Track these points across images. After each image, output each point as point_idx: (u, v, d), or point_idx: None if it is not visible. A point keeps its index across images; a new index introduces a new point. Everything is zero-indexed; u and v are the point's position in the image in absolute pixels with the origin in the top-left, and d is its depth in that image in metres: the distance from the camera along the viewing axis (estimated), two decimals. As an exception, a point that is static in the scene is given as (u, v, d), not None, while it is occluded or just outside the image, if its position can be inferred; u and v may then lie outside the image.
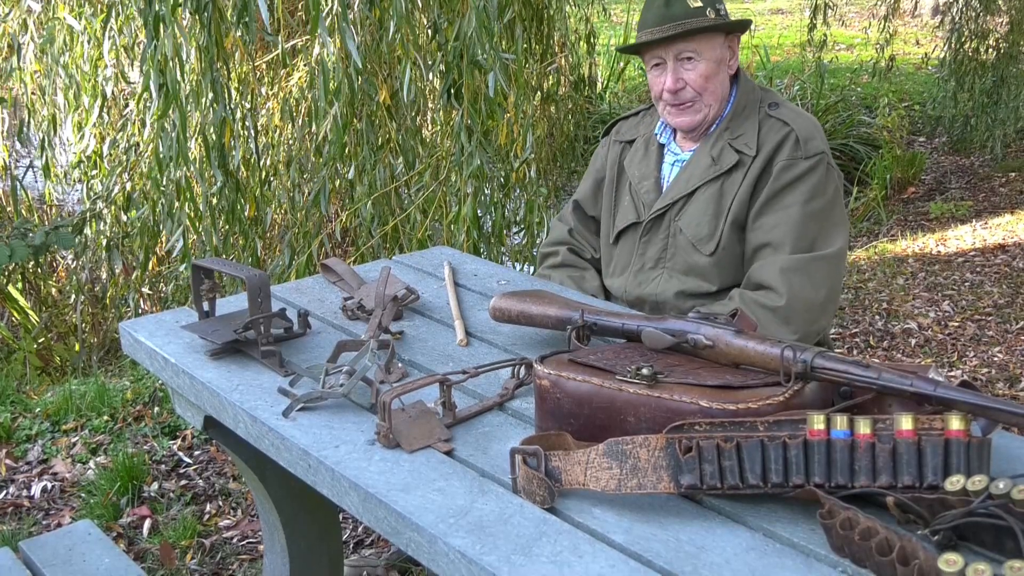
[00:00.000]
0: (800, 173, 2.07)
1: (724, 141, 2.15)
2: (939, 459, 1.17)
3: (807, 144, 2.08)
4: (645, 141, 2.31)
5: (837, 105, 7.90)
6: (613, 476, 1.25)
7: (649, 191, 2.24)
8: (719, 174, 2.13)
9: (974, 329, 4.41)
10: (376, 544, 2.78)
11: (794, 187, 2.07)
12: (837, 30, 8.42)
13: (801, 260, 2.03)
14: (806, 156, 2.08)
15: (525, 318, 1.80)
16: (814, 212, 2.06)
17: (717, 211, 2.12)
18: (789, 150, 2.08)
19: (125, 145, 4.45)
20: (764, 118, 2.14)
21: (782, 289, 2.01)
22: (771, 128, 2.12)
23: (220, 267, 1.87)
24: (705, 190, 2.14)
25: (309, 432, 1.51)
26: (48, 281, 5.19)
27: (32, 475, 3.19)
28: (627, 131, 2.37)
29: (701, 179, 2.14)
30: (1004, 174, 7.06)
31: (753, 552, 1.18)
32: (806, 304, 2.02)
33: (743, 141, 2.12)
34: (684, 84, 2.13)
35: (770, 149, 2.10)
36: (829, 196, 2.10)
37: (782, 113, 2.14)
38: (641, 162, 2.29)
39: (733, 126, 2.16)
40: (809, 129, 2.11)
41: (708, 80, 2.13)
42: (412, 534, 1.28)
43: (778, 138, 2.10)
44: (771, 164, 2.09)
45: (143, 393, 3.70)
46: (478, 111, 3.50)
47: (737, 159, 2.12)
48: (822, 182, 2.09)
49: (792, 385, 1.33)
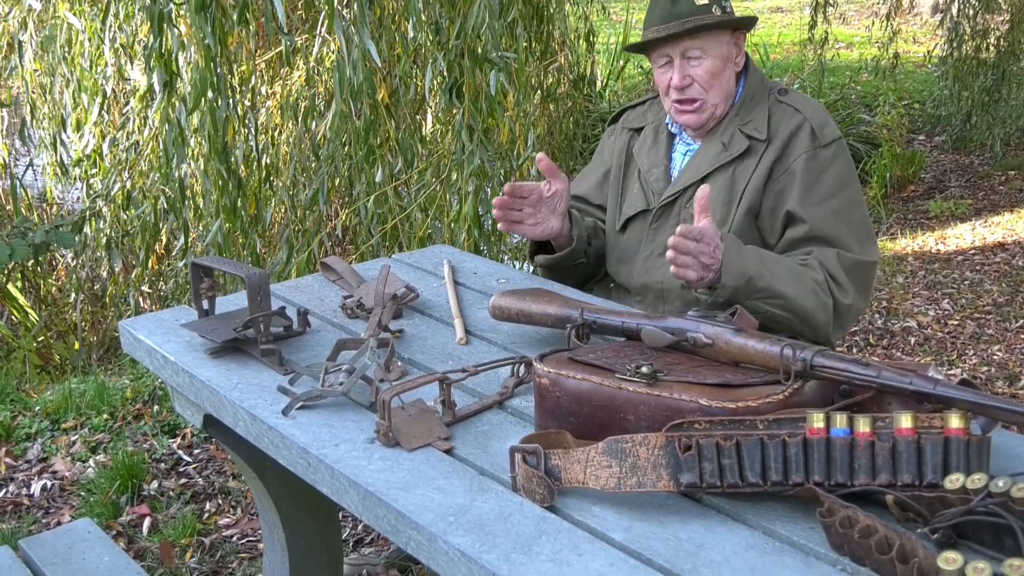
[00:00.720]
0: (826, 162, 2.07)
1: (734, 127, 2.14)
2: (939, 457, 1.17)
3: (823, 131, 2.08)
4: (655, 129, 2.29)
5: (837, 103, 7.90)
6: (613, 474, 1.25)
7: (659, 179, 2.22)
8: (730, 160, 2.11)
9: (974, 327, 4.41)
10: (376, 543, 2.78)
11: (824, 178, 2.06)
12: (837, 28, 8.41)
13: (858, 263, 2.03)
14: (825, 144, 2.08)
15: (525, 316, 1.80)
16: (851, 200, 2.08)
17: (729, 198, 2.10)
18: (807, 140, 2.07)
19: (125, 144, 4.44)
20: (774, 104, 2.14)
21: (849, 287, 2.01)
22: (783, 114, 2.12)
23: (220, 265, 1.87)
24: (717, 176, 2.12)
25: (309, 430, 1.51)
26: (48, 280, 5.18)
27: (32, 473, 3.19)
28: (635, 119, 2.36)
29: (712, 165, 2.13)
30: (1004, 172, 7.06)
31: (753, 550, 1.18)
32: (857, 309, 2.06)
33: (753, 126, 2.11)
34: (691, 81, 2.12)
35: (784, 136, 2.09)
36: (855, 178, 2.12)
37: (792, 99, 2.14)
38: (651, 150, 2.27)
39: (743, 113, 2.15)
40: (821, 116, 2.12)
41: (714, 77, 2.12)
42: (412, 532, 1.28)
43: (792, 126, 2.09)
44: (787, 153, 2.08)
45: (143, 391, 3.70)
46: (479, 110, 3.50)
47: (748, 145, 2.10)
48: (848, 166, 2.10)
49: (792, 383, 1.33)
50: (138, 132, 4.35)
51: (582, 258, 2.25)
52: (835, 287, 2.00)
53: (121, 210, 4.43)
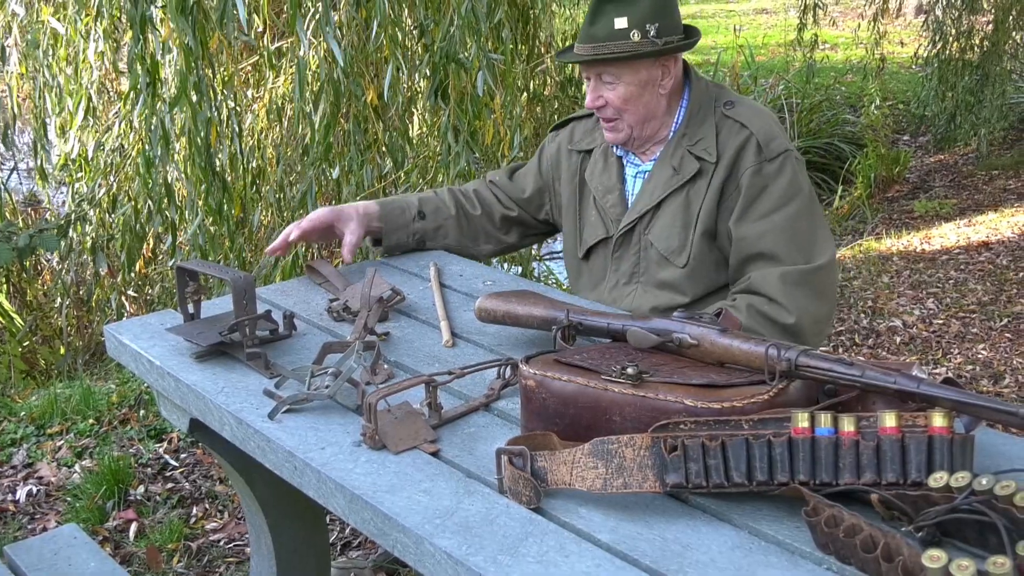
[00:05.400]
0: (770, 176, 2.02)
1: (683, 148, 2.09)
2: (923, 456, 1.18)
3: (769, 145, 2.03)
4: (603, 152, 2.24)
5: (822, 104, 7.94)
6: (599, 476, 1.25)
7: (615, 205, 2.19)
8: (683, 183, 2.08)
9: (958, 326, 4.43)
10: (363, 546, 2.77)
11: (769, 192, 2.02)
12: (824, 30, 8.44)
13: (803, 273, 1.98)
14: (770, 158, 2.02)
15: (511, 318, 1.80)
16: (797, 212, 2.02)
17: (686, 222, 2.08)
18: (753, 155, 2.03)
19: (110, 147, 4.43)
20: (721, 119, 2.08)
21: (790, 305, 1.95)
22: (730, 131, 2.06)
23: (205, 269, 1.87)
24: (671, 201, 2.09)
25: (295, 434, 1.51)
26: (33, 284, 5.16)
27: (17, 479, 3.17)
28: (582, 138, 2.30)
29: (665, 190, 2.10)
30: (988, 172, 7.10)
31: (739, 550, 1.19)
32: (813, 319, 1.98)
33: (702, 147, 2.07)
34: (604, 103, 2.09)
35: (732, 155, 2.04)
36: (806, 191, 2.05)
37: (738, 113, 2.08)
38: (602, 175, 2.23)
39: (690, 132, 2.10)
40: (768, 128, 2.05)
41: (627, 102, 2.07)
42: (398, 535, 1.28)
43: (738, 142, 2.04)
44: (736, 170, 2.04)
45: (128, 396, 3.68)
46: (464, 111, 3.50)
47: (699, 167, 2.07)
48: (794, 179, 2.04)
49: (777, 383, 1.33)
50: (123, 136, 4.33)
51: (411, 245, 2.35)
52: (772, 310, 1.95)
53: (107, 213, 4.42)
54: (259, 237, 4.36)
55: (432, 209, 2.35)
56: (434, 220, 2.34)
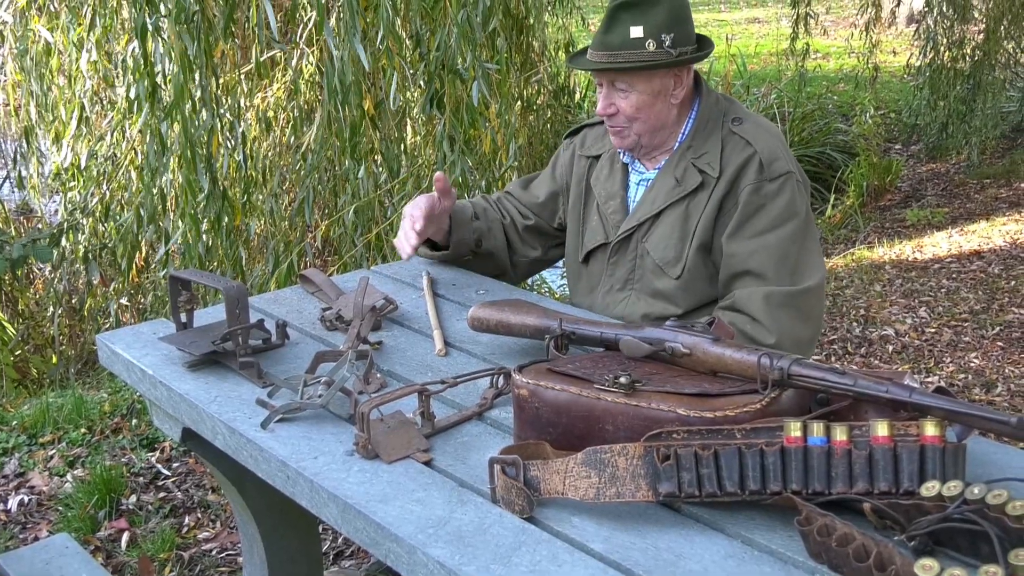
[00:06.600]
0: (769, 196, 2.03)
1: (687, 161, 2.10)
2: (915, 465, 1.18)
3: (771, 166, 2.03)
4: (610, 158, 2.26)
5: (814, 113, 7.96)
6: (592, 485, 1.25)
7: (616, 211, 2.20)
8: (684, 195, 2.09)
9: (951, 335, 4.45)
10: (356, 555, 2.77)
11: (765, 211, 2.02)
12: (816, 39, 8.48)
13: (788, 295, 1.98)
14: (771, 178, 2.03)
15: (504, 327, 1.80)
16: (790, 235, 2.02)
17: (683, 234, 2.09)
18: (754, 173, 2.03)
19: (103, 156, 4.42)
20: (728, 135, 2.09)
21: (771, 326, 1.95)
22: (735, 147, 2.07)
23: (198, 278, 1.87)
24: (671, 212, 2.10)
25: (288, 443, 1.50)
26: (25, 293, 5.15)
27: (9, 489, 3.16)
28: (592, 143, 2.32)
29: (666, 200, 2.10)
30: (979, 181, 7.13)
31: (731, 559, 1.19)
32: (795, 341, 1.97)
33: (706, 160, 2.08)
34: (616, 111, 2.10)
35: (733, 171, 2.05)
36: (802, 216, 2.05)
37: (745, 130, 2.08)
38: (607, 181, 2.25)
39: (696, 144, 2.11)
40: (773, 148, 2.06)
41: (639, 111, 2.08)
42: (391, 545, 1.28)
43: (741, 160, 2.05)
44: (736, 187, 2.04)
45: (121, 405, 3.67)
46: (460, 120, 3.50)
47: (701, 180, 2.07)
48: (792, 202, 2.04)
49: (769, 392, 1.34)
50: (117, 145, 4.33)
51: (468, 256, 2.32)
52: (753, 329, 1.95)
53: (99, 223, 4.41)
54: (254, 246, 4.36)
55: (481, 211, 2.36)
56: (485, 221, 2.34)
